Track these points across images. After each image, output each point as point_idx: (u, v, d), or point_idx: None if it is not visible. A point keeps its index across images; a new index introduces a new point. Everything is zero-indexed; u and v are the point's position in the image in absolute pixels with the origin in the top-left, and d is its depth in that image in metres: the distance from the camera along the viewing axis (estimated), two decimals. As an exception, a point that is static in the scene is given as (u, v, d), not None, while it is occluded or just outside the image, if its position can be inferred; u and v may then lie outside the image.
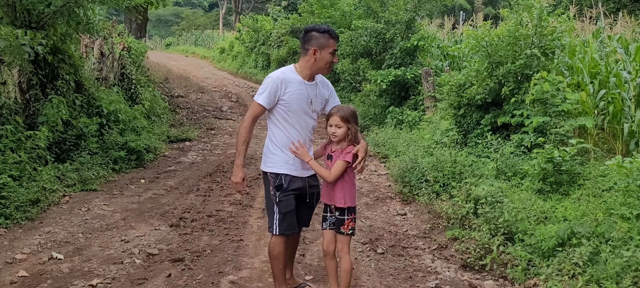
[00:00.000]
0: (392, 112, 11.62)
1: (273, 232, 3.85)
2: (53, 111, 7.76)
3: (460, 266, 4.87)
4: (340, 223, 3.88)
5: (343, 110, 3.85)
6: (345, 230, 3.88)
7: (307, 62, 3.85)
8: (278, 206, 3.81)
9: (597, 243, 4.36)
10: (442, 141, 8.23)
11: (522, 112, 7.60)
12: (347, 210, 3.87)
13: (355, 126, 3.81)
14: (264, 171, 3.90)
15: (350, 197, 3.87)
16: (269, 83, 3.75)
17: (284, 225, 3.82)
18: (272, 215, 3.86)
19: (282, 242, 3.86)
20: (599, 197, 5.70)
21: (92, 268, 4.64)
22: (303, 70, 3.86)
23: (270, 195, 3.86)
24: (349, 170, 3.82)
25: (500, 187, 5.78)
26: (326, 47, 3.81)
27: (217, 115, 15.14)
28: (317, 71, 3.89)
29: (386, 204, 6.99)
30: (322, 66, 3.85)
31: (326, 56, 3.82)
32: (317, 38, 3.81)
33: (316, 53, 3.80)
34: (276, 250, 3.86)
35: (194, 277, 4.53)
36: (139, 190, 7.40)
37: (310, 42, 3.82)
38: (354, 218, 3.92)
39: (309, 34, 3.85)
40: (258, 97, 3.74)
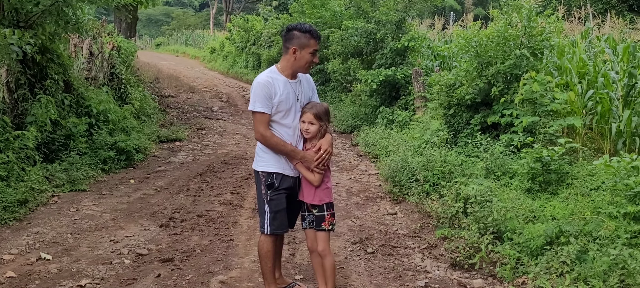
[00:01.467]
0: (383, 112, 11.64)
1: (264, 232, 3.85)
2: (41, 111, 7.70)
3: (450, 265, 4.89)
4: (320, 220, 3.90)
5: (316, 108, 3.88)
6: (326, 226, 3.91)
7: (287, 61, 3.82)
8: (269, 205, 3.81)
9: (584, 242, 4.40)
10: (432, 141, 8.26)
11: (512, 112, 7.64)
12: (326, 206, 3.90)
13: (327, 124, 3.87)
14: (256, 170, 3.90)
15: (326, 194, 3.91)
16: (260, 89, 3.70)
17: (274, 224, 3.82)
18: (263, 214, 3.86)
19: (271, 240, 3.87)
20: (587, 196, 5.74)
21: (80, 268, 4.62)
22: (285, 70, 3.83)
23: (261, 195, 3.86)
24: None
25: (489, 186, 5.81)
26: (307, 46, 3.77)
27: (208, 115, 15.10)
28: (298, 70, 3.86)
29: (376, 204, 7.01)
30: (301, 65, 3.82)
31: (306, 56, 3.79)
32: (298, 37, 3.78)
33: (296, 52, 3.77)
34: (265, 248, 3.86)
35: (183, 277, 4.51)
36: (129, 190, 7.37)
37: (291, 41, 3.79)
38: (333, 213, 3.95)
39: (291, 32, 3.82)
40: (256, 106, 3.69)
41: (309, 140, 3.88)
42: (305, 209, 3.98)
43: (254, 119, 3.76)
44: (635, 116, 7.24)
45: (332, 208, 3.94)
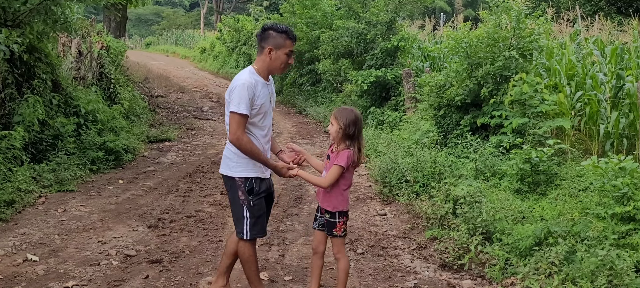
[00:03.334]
0: (373, 113, 11.66)
1: (244, 238, 3.74)
2: (29, 111, 7.62)
3: (439, 266, 4.90)
4: (332, 226, 3.88)
5: (338, 110, 3.86)
6: (338, 233, 3.89)
7: (263, 62, 3.74)
8: (250, 210, 3.72)
9: (573, 243, 4.42)
10: (422, 141, 8.27)
11: (501, 113, 7.68)
12: (338, 214, 3.87)
13: (345, 126, 3.74)
14: (231, 176, 3.77)
15: (340, 202, 3.85)
16: (245, 91, 3.59)
17: (255, 229, 3.76)
18: (241, 219, 3.73)
19: (251, 245, 3.80)
20: (575, 196, 5.78)
21: (67, 270, 4.57)
22: (261, 71, 3.75)
23: (239, 201, 3.73)
24: (342, 176, 3.80)
25: (478, 187, 5.83)
26: (282, 47, 3.70)
27: (198, 115, 15.04)
28: (272, 71, 3.78)
29: (366, 204, 7.00)
30: (276, 66, 3.75)
31: (282, 56, 3.72)
32: (274, 37, 3.70)
33: (271, 52, 3.70)
34: (247, 253, 3.79)
35: (172, 279, 4.48)
36: (117, 190, 7.32)
37: (267, 41, 3.71)
38: (346, 221, 3.92)
39: (267, 32, 3.73)
40: (239, 108, 3.57)
41: (335, 144, 3.84)
42: (318, 209, 3.97)
43: (233, 120, 3.60)
44: (623, 117, 7.30)
45: (345, 216, 3.90)
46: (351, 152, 3.76)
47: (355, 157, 3.78)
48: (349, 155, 3.75)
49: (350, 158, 3.75)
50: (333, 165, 3.77)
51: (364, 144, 3.88)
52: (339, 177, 3.79)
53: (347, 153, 3.75)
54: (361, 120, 3.82)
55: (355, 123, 3.76)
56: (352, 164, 3.81)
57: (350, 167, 3.81)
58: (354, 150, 3.77)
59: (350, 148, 3.76)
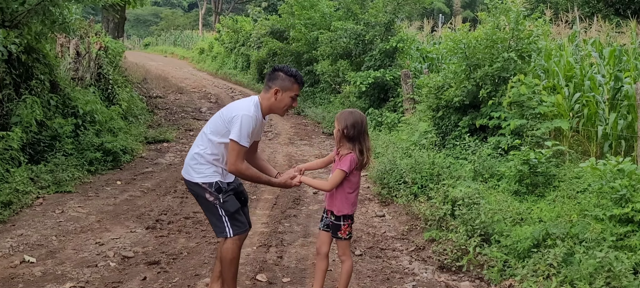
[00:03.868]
0: (372, 114, 11.65)
1: (227, 235, 3.69)
2: (27, 111, 7.61)
3: (438, 267, 4.89)
4: (337, 229, 3.88)
5: (340, 112, 3.87)
6: (343, 235, 3.89)
7: (267, 100, 3.75)
8: (224, 207, 3.68)
9: (571, 244, 4.41)
10: (421, 143, 8.27)
11: (500, 114, 7.68)
12: (342, 217, 3.86)
13: (345, 128, 3.74)
14: (195, 182, 3.70)
15: (346, 206, 3.84)
16: (248, 123, 3.59)
17: (236, 224, 3.71)
18: (220, 219, 3.69)
19: (237, 244, 3.73)
20: (574, 198, 5.77)
21: (65, 271, 4.56)
22: (263, 108, 3.77)
23: (209, 203, 3.69)
24: (346, 179, 3.80)
25: (477, 188, 5.83)
26: (289, 90, 3.73)
27: (196, 116, 15.02)
28: (274, 111, 3.82)
29: (365, 206, 7.00)
30: (280, 107, 3.78)
31: (286, 99, 3.76)
32: (283, 79, 3.74)
33: (278, 94, 3.73)
34: (230, 254, 3.71)
35: (169, 280, 4.47)
36: (115, 191, 7.30)
37: (275, 82, 3.74)
38: (351, 224, 3.92)
39: (276, 73, 3.78)
40: (240, 139, 3.57)
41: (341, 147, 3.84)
42: (324, 210, 3.98)
43: (233, 150, 3.58)
44: (621, 119, 7.30)
45: (350, 219, 3.90)
46: (353, 156, 3.74)
47: (357, 160, 3.76)
48: (351, 160, 3.74)
49: (352, 163, 3.74)
50: (336, 170, 3.78)
51: (369, 146, 3.85)
52: (343, 181, 3.78)
53: (350, 157, 3.74)
54: (363, 122, 3.80)
55: (355, 125, 3.75)
56: (356, 167, 3.80)
57: (353, 170, 3.79)
58: (355, 153, 3.76)
59: (351, 152, 3.75)
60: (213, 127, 3.72)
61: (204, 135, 3.75)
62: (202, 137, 3.77)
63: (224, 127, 3.66)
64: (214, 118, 3.79)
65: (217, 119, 3.74)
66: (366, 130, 3.84)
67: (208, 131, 3.73)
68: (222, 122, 3.67)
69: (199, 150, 3.71)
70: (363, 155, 3.79)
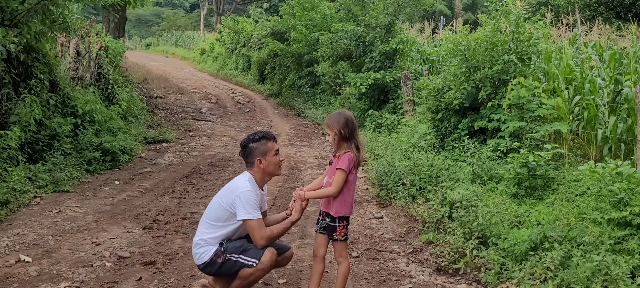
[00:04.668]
0: (371, 116, 11.64)
1: (255, 265, 3.73)
2: (26, 110, 7.61)
3: (435, 270, 4.87)
4: (332, 230, 3.87)
5: (328, 118, 3.90)
6: (339, 237, 3.88)
7: (257, 173, 3.88)
8: (229, 253, 3.76)
9: (569, 248, 4.39)
10: (420, 145, 8.25)
11: (499, 116, 7.66)
12: (338, 219, 3.85)
13: (340, 130, 3.76)
14: (204, 262, 3.82)
15: (343, 207, 3.84)
16: (250, 196, 3.74)
17: (249, 253, 3.76)
18: (238, 263, 3.75)
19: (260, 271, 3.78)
20: (572, 201, 5.75)
21: (60, 271, 4.54)
22: (259, 182, 3.90)
23: (223, 264, 3.78)
24: (346, 180, 3.79)
25: (475, 190, 5.80)
26: (269, 151, 3.85)
27: (196, 116, 15.03)
28: (269, 177, 3.95)
29: (363, 207, 6.98)
30: (272, 170, 3.91)
31: (272, 160, 3.87)
32: (256, 148, 3.85)
33: (262, 162, 3.84)
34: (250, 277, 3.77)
35: (165, 281, 4.45)
36: (113, 191, 7.29)
37: (253, 154, 3.86)
38: (346, 225, 3.91)
39: (247, 148, 3.88)
40: (254, 214, 3.72)
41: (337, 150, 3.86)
42: (320, 212, 3.99)
43: (251, 227, 3.73)
44: (620, 122, 7.27)
45: (346, 220, 3.90)
46: (351, 155, 3.76)
47: (355, 158, 3.76)
48: (350, 158, 3.76)
49: (351, 161, 3.76)
50: (336, 171, 3.77)
51: (362, 142, 3.88)
52: (344, 182, 3.78)
53: (348, 156, 3.76)
54: (353, 120, 3.84)
55: (347, 124, 3.78)
56: (355, 165, 3.80)
57: (352, 169, 3.79)
58: (353, 151, 3.76)
59: (348, 151, 3.76)
60: (214, 214, 3.87)
61: (206, 222, 3.89)
62: (204, 224, 3.90)
63: (226, 213, 3.80)
64: (212, 204, 3.92)
65: (216, 206, 3.88)
66: (357, 127, 3.87)
67: (210, 219, 3.88)
68: (223, 209, 3.81)
69: (203, 236, 3.86)
70: (359, 152, 3.81)
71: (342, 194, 3.81)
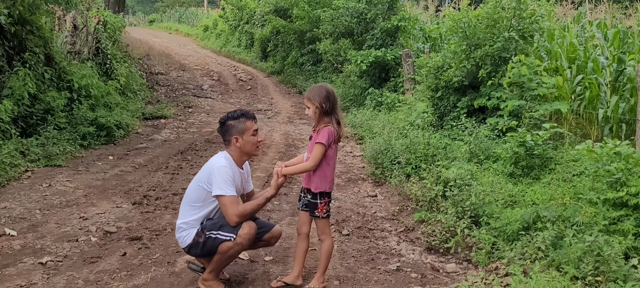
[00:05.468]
0: (372, 94, 11.50)
1: (232, 239, 3.62)
2: (19, 84, 7.52)
3: (425, 249, 4.78)
4: (314, 207, 3.79)
5: (308, 91, 3.78)
6: (320, 214, 3.79)
7: (234, 151, 3.78)
8: (207, 230, 3.67)
9: (562, 228, 4.29)
10: (417, 123, 8.13)
11: (499, 95, 7.52)
12: (319, 195, 3.76)
13: (320, 104, 3.65)
14: (188, 244, 3.73)
15: (323, 183, 3.74)
16: (228, 173, 3.64)
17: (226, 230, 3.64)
18: (218, 239, 3.63)
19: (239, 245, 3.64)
20: (569, 181, 5.64)
21: (45, 245, 4.49)
22: (236, 160, 3.80)
23: (205, 242, 3.67)
24: (325, 155, 3.69)
25: (469, 169, 5.70)
26: (246, 130, 3.74)
27: (197, 93, 14.92)
28: (247, 156, 3.85)
29: (358, 186, 6.89)
30: (249, 150, 3.80)
31: (250, 139, 3.76)
32: (234, 126, 3.75)
33: (238, 141, 3.74)
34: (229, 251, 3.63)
35: (150, 256, 4.39)
36: (106, 166, 7.23)
37: (230, 132, 3.76)
38: (328, 202, 3.81)
39: (226, 125, 3.78)
40: (227, 190, 3.59)
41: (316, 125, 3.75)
42: (302, 189, 3.90)
43: (223, 204, 3.62)
44: (622, 102, 7.13)
45: (327, 197, 3.80)
46: (331, 128, 3.66)
47: (335, 132, 3.66)
48: (329, 132, 3.65)
49: (331, 135, 3.65)
50: (316, 145, 3.67)
51: (342, 116, 3.77)
52: (323, 157, 3.68)
53: (328, 130, 3.65)
54: (334, 94, 3.73)
55: (329, 98, 3.67)
56: (335, 140, 3.70)
57: (332, 143, 3.69)
58: (333, 125, 3.66)
59: (329, 125, 3.65)
60: (194, 195, 3.78)
61: (187, 205, 3.80)
62: (185, 206, 3.81)
63: (203, 192, 3.70)
64: (192, 185, 3.84)
65: (195, 186, 3.79)
66: (338, 101, 3.76)
67: (190, 200, 3.79)
68: (201, 188, 3.72)
69: (185, 219, 3.77)
70: (340, 126, 3.71)
71: (321, 169, 3.72)
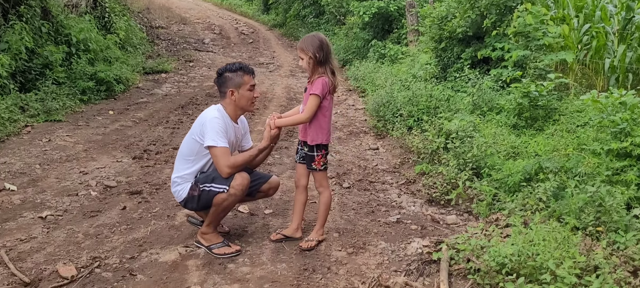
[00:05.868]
0: (375, 46, 11.33)
1: (226, 190, 3.53)
2: (15, 38, 7.42)
3: (426, 201, 4.76)
4: (311, 160, 3.73)
5: (301, 41, 3.67)
6: (317, 166, 3.73)
7: (229, 104, 3.68)
8: (201, 183, 3.59)
9: (564, 179, 4.25)
10: (419, 75, 8.02)
11: (504, 45, 7.38)
12: (315, 147, 3.70)
13: (314, 54, 3.55)
14: (184, 199, 3.67)
15: (319, 135, 3.67)
16: (220, 125, 3.54)
17: (218, 181, 3.56)
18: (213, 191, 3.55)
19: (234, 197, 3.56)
20: (573, 132, 5.57)
21: (44, 199, 4.48)
22: (231, 113, 3.70)
23: (197, 195, 3.61)
24: (320, 106, 3.61)
25: (472, 121, 5.63)
26: (243, 85, 3.64)
27: (198, 47, 14.76)
28: (242, 111, 3.75)
29: (359, 139, 6.84)
30: (244, 105, 3.70)
31: (245, 94, 3.66)
32: (231, 78, 3.64)
33: (234, 94, 3.64)
34: (224, 203, 3.56)
35: (149, 210, 4.38)
36: (106, 121, 7.19)
37: (226, 85, 3.65)
38: (325, 154, 3.75)
39: (223, 76, 3.67)
40: (218, 141, 3.49)
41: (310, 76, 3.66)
42: (299, 142, 3.84)
43: (215, 155, 3.52)
44: (630, 51, 6.98)
45: (324, 149, 3.73)
46: (325, 79, 3.57)
47: (330, 83, 3.58)
48: (323, 83, 3.56)
49: (325, 85, 3.57)
50: (310, 97, 3.58)
51: (337, 66, 3.69)
52: (317, 108, 3.61)
53: (322, 81, 3.56)
54: (327, 43, 3.62)
55: (322, 47, 3.57)
56: (329, 91, 3.62)
57: (327, 94, 3.61)
58: (327, 75, 3.57)
59: (323, 76, 3.56)
60: (187, 148, 3.70)
61: (181, 159, 3.73)
62: (179, 160, 3.74)
63: (196, 144, 3.63)
64: (185, 139, 3.76)
65: (188, 139, 3.71)
66: (332, 50, 3.66)
67: (184, 154, 3.71)
68: (194, 141, 3.64)
69: (179, 173, 3.71)
70: (335, 76, 3.62)
71: (317, 121, 3.65)
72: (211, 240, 3.67)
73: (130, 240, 3.78)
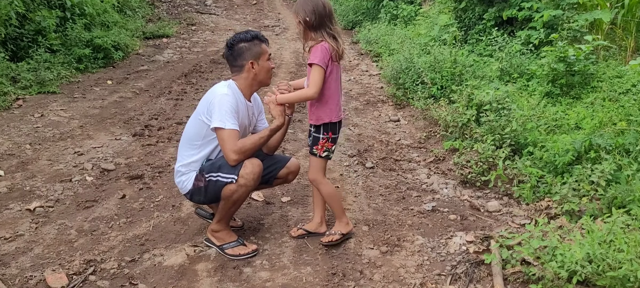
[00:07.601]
0: (386, 6, 10.74)
1: (234, 180, 3.02)
2: (4, 2, 6.85)
3: (460, 182, 4.27)
4: (315, 142, 3.17)
5: (295, 5, 3.09)
6: (319, 152, 3.18)
7: (246, 79, 3.15)
8: (207, 172, 3.09)
9: (618, 158, 3.75)
10: (441, 38, 7.46)
11: (531, 4, 6.81)
12: (323, 127, 3.15)
13: (304, 19, 2.98)
14: (189, 190, 3.18)
15: (325, 111, 3.10)
16: (231, 103, 3.02)
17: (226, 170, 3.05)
18: (221, 181, 3.05)
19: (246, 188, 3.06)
20: (616, 101, 5.06)
21: (34, 187, 4.00)
22: (245, 90, 3.17)
23: (203, 186, 3.11)
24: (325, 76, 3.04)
25: (506, 91, 5.11)
26: (263, 54, 3.15)
27: (201, 9, 14.11)
28: (260, 85, 3.22)
29: (377, 109, 6.33)
30: (263, 77, 3.20)
31: (265, 65, 3.17)
32: (249, 49, 3.11)
33: (254, 66, 3.12)
34: (234, 195, 3.07)
35: (152, 199, 3.89)
36: (104, 92, 6.68)
37: (243, 56, 3.11)
38: (332, 138, 3.17)
39: (238, 46, 3.13)
40: (226, 123, 2.97)
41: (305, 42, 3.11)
42: (310, 125, 3.26)
43: (221, 138, 3.00)
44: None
45: (331, 131, 3.16)
46: (325, 45, 2.98)
47: (331, 50, 3.00)
48: (323, 49, 2.97)
49: (325, 52, 2.97)
50: (310, 68, 3.01)
51: (338, 31, 3.08)
52: (323, 80, 3.04)
53: (320, 47, 2.97)
54: (325, 4, 3.02)
55: (315, 10, 2.98)
56: (332, 59, 3.02)
57: (329, 62, 3.02)
58: (325, 41, 3.00)
59: (321, 41, 3.00)
60: (193, 131, 3.18)
61: (186, 144, 3.20)
62: (184, 146, 3.21)
63: (204, 126, 3.10)
64: (191, 120, 3.23)
65: (193, 120, 3.19)
66: (332, 13, 3.07)
67: (189, 138, 3.19)
68: (201, 122, 3.11)
69: (183, 161, 3.21)
70: (338, 41, 3.03)
71: (324, 97, 3.08)
72: (223, 239, 3.19)
73: (130, 238, 3.31)
